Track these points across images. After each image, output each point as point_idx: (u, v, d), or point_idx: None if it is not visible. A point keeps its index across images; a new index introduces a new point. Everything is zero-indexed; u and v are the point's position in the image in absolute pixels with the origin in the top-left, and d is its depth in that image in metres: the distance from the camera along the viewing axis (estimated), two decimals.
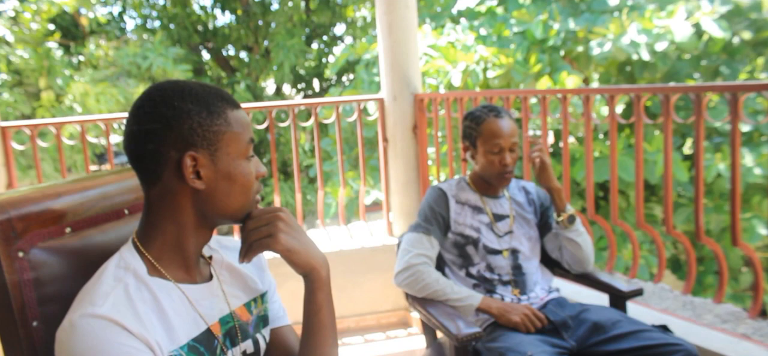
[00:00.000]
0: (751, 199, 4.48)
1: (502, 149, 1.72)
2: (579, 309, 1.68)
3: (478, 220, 1.79)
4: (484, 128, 1.74)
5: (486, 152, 1.74)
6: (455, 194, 1.82)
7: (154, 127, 0.84)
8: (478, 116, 1.76)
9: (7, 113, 7.04)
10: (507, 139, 1.72)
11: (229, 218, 0.90)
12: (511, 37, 5.61)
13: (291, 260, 0.91)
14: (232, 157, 0.87)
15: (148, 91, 0.87)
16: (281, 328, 1.06)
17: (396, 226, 3.27)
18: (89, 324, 0.76)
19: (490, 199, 1.83)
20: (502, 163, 1.73)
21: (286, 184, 8.76)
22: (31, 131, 2.98)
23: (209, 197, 0.87)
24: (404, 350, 2.86)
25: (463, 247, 1.78)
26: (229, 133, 0.87)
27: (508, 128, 1.73)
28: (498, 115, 1.74)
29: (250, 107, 3.17)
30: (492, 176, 1.76)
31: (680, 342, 1.46)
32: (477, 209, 1.81)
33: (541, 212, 1.89)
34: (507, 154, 1.73)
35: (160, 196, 0.87)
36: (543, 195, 1.90)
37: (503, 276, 1.76)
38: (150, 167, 0.86)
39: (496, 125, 1.72)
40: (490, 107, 1.77)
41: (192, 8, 10.15)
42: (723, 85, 2.52)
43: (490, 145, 1.72)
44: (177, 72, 8.17)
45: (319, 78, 10.48)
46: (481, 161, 1.76)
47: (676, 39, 4.77)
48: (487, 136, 1.73)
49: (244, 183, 0.89)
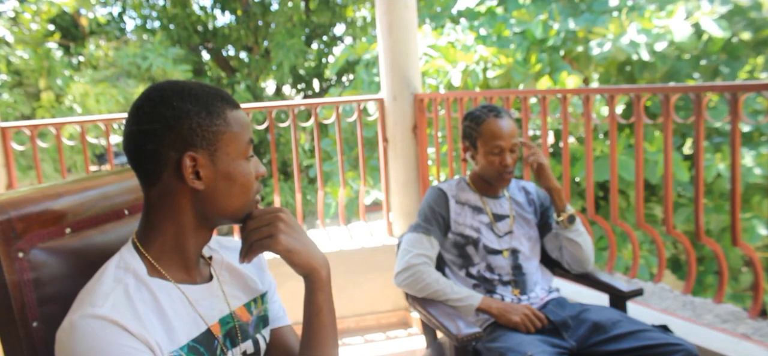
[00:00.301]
0: (751, 199, 4.48)
1: (502, 149, 1.72)
2: (579, 309, 1.68)
3: (478, 220, 1.79)
4: (484, 128, 1.73)
5: (486, 152, 1.73)
6: (455, 195, 1.82)
7: (153, 127, 0.84)
8: (478, 116, 1.76)
9: (7, 114, 7.04)
10: (507, 139, 1.72)
11: (228, 218, 0.90)
12: (511, 37, 5.61)
13: (291, 261, 0.91)
14: (232, 157, 0.87)
15: (147, 91, 0.87)
16: (281, 328, 1.06)
17: (396, 226, 3.27)
18: (89, 324, 0.76)
19: (490, 199, 1.83)
20: (503, 163, 1.72)
21: (286, 184, 8.76)
22: (31, 131, 2.98)
23: (209, 198, 0.87)
24: (404, 350, 2.86)
25: (463, 247, 1.78)
26: (228, 133, 0.87)
27: (508, 128, 1.72)
28: (498, 115, 1.74)
29: (250, 108, 3.17)
30: (492, 176, 1.76)
31: (680, 342, 1.46)
32: (477, 209, 1.81)
33: (541, 212, 1.89)
34: (507, 154, 1.72)
35: (160, 196, 0.87)
36: (543, 195, 1.90)
37: (503, 276, 1.76)
38: (149, 168, 0.86)
39: (497, 125, 1.72)
40: (490, 107, 1.77)
41: (192, 8, 10.15)
42: (723, 85, 2.51)
43: (490, 146, 1.72)
44: (177, 72, 8.16)
45: (319, 78, 10.48)
46: (481, 162, 1.76)
47: (675, 39, 4.77)
48: (487, 136, 1.73)
49: (243, 183, 0.89)
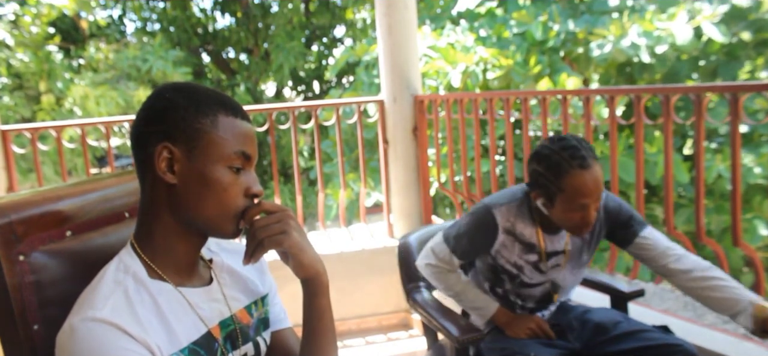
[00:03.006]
0: (752, 199, 4.47)
1: (588, 206, 1.39)
2: (581, 311, 1.67)
3: (525, 259, 1.54)
4: (568, 184, 1.37)
5: (567, 209, 1.41)
6: (509, 227, 1.53)
7: (144, 117, 0.85)
8: (559, 165, 1.38)
9: (8, 117, 7.05)
10: (595, 194, 1.38)
11: (204, 226, 0.86)
12: (511, 39, 5.61)
13: (300, 260, 0.90)
14: (211, 160, 0.84)
15: (156, 88, 0.89)
16: (282, 331, 1.06)
17: (396, 228, 3.27)
18: (89, 327, 0.76)
19: (548, 235, 1.54)
20: (586, 220, 1.41)
21: (286, 186, 8.76)
22: (31, 134, 2.98)
23: (181, 196, 0.85)
24: (405, 352, 2.86)
25: (497, 273, 1.60)
26: (212, 134, 0.85)
27: (597, 181, 1.38)
28: (585, 165, 1.37)
29: (250, 110, 3.17)
30: (569, 228, 1.46)
31: (681, 343, 1.46)
32: (529, 246, 1.54)
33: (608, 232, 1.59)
34: (592, 209, 1.40)
35: (148, 194, 0.87)
36: (613, 212, 1.55)
37: (527, 302, 1.63)
38: (141, 164, 0.86)
39: (584, 179, 1.36)
40: (573, 152, 1.38)
41: (192, 11, 10.15)
42: (723, 86, 2.51)
43: (575, 204, 1.39)
44: (177, 75, 8.17)
45: (319, 80, 10.48)
46: (559, 216, 1.44)
47: (677, 42, 4.76)
48: (571, 194, 1.38)
49: (219, 191, 0.84)
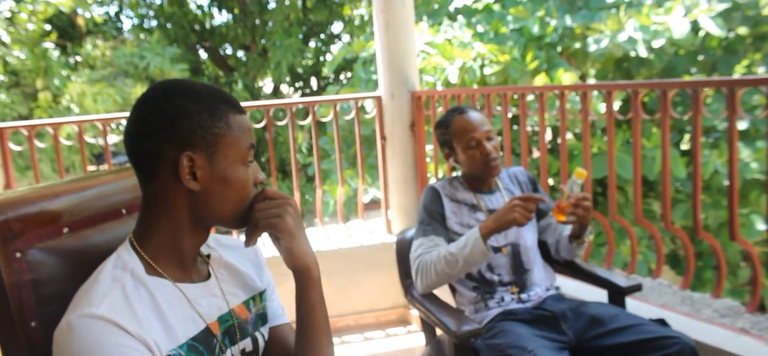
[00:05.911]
0: (749, 194, 4.49)
1: (478, 140, 1.73)
2: (577, 304, 1.68)
3: (475, 219, 1.77)
4: (453, 128, 1.77)
5: (464, 149, 1.75)
6: (450, 194, 1.81)
7: (154, 124, 0.84)
8: (446, 120, 1.80)
9: (5, 114, 7.03)
10: (479, 129, 1.74)
11: (222, 222, 0.90)
12: (508, 34, 5.61)
13: (290, 249, 0.91)
14: (230, 161, 0.87)
15: (151, 88, 0.87)
16: (280, 326, 1.06)
17: (395, 224, 3.27)
18: (87, 324, 0.76)
19: (484, 195, 1.83)
20: (484, 153, 1.73)
21: (284, 183, 8.75)
22: (28, 131, 2.97)
23: (204, 200, 0.86)
24: (403, 348, 2.86)
25: None
26: (228, 136, 0.86)
27: (476, 119, 1.75)
28: (463, 112, 1.78)
29: (248, 106, 3.16)
30: (479, 170, 1.76)
31: (678, 335, 1.46)
32: (473, 207, 1.80)
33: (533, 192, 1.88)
34: (485, 143, 1.73)
35: (157, 195, 0.86)
36: (532, 176, 1.94)
37: (504, 276, 1.74)
38: (148, 165, 0.85)
39: (464, 120, 1.76)
40: (453, 109, 1.82)
41: (189, 7, 10.13)
42: (720, 81, 2.52)
43: (465, 141, 1.74)
44: (174, 71, 8.15)
45: (317, 76, 10.47)
46: (464, 159, 1.77)
47: (674, 36, 4.76)
48: (459, 134, 1.76)
49: (239, 188, 0.88)
